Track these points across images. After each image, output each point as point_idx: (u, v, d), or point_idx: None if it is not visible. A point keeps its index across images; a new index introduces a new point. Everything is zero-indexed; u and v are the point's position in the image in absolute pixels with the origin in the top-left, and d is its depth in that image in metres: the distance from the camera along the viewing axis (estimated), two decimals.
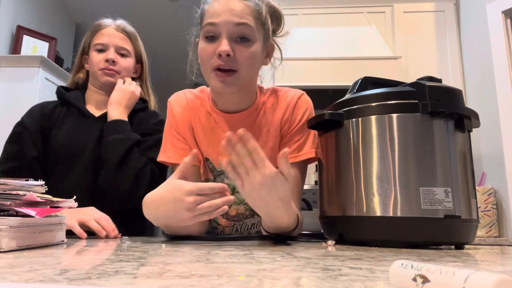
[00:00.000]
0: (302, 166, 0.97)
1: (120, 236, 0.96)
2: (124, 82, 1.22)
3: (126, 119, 1.17)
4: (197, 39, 0.95)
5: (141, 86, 1.31)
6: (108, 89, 1.22)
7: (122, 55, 1.23)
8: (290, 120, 0.97)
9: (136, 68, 1.30)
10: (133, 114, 1.23)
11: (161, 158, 1.00)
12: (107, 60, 1.20)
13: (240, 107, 0.98)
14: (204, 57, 0.89)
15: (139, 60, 1.31)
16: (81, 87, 1.29)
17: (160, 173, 1.15)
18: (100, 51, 1.22)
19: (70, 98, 1.23)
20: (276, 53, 1.00)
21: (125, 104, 1.18)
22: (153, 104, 1.35)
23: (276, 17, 0.98)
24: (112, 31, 1.23)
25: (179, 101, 1.03)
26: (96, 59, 1.21)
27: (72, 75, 1.32)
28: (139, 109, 1.26)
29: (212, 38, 0.88)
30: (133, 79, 1.29)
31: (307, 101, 1.00)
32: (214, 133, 0.99)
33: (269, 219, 0.77)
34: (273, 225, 0.78)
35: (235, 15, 0.86)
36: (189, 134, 1.00)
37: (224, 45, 0.85)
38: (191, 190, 0.71)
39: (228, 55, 0.85)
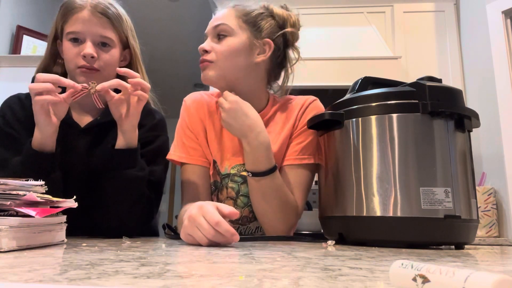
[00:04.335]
0: (307, 168, 0.98)
1: None
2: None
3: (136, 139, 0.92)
4: None
5: None
6: None
7: (104, 45, 0.98)
8: (300, 122, 1.00)
9: (124, 55, 1.06)
10: None
11: (171, 157, 1.00)
12: (84, 56, 0.94)
13: None
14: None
15: (126, 45, 1.05)
16: None
17: (158, 188, 0.99)
18: (75, 40, 0.96)
19: None
20: (294, 55, 1.06)
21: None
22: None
23: (283, 19, 1.02)
24: (88, 15, 0.95)
25: (196, 100, 1.05)
26: (71, 53, 0.96)
27: (43, 61, 1.05)
28: None
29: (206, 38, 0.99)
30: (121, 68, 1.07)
31: (318, 106, 1.03)
32: (222, 137, 1.01)
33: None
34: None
35: (215, 19, 0.99)
36: (202, 135, 1.01)
37: (205, 45, 0.97)
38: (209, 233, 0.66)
39: (205, 51, 0.96)
